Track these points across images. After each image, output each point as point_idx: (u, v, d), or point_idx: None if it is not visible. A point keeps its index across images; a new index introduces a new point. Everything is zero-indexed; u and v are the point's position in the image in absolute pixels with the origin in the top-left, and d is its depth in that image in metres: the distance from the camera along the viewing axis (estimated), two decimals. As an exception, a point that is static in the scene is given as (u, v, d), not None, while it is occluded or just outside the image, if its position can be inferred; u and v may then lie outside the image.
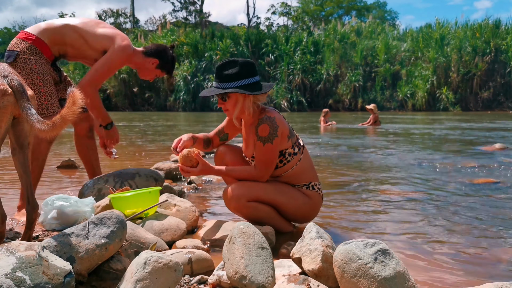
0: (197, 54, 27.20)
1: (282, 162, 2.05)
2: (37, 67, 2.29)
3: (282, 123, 2.00)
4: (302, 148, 2.10)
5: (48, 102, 2.30)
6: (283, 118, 2.03)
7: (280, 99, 24.23)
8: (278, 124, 1.97)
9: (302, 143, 2.12)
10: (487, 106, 23.28)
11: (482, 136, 7.79)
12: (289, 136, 2.04)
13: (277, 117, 1.99)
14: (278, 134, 1.97)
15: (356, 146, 6.44)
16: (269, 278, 1.32)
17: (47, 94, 2.30)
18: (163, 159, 4.85)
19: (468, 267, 1.71)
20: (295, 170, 2.08)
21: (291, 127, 2.10)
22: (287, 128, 2.02)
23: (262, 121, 1.96)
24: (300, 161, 2.08)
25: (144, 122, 14.06)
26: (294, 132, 2.10)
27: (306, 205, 2.10)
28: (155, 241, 1.71)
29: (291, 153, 2.05)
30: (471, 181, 3.49)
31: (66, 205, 1.98)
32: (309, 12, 43.07)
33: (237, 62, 1.97)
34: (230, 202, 2.03)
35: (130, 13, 39.64)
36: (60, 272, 1.21)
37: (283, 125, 2.00)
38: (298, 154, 2.07)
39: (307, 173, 2.13)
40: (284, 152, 2.04)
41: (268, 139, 1.96)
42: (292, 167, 2.07)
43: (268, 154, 1.99)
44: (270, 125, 1.95)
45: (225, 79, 1.97)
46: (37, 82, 2.28)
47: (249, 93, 1.94)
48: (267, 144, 1.97)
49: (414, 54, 25.31)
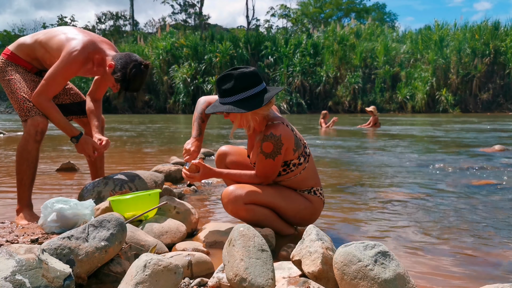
0: (196, 56, 27.23)
1: (286, 171, 2.05)
2: (13, 76, 2.38)
3: (287, 139, 1.95)
4: (308, 157, 2.08)
5: (27, 106, 2.32)
6: (290, 132, 1.97)
7: (280, 101, 24.27)
8: (283, 142, 1.94)
9: (308, 151, 2.11)
10: (486, 107, 23.31)
11: (482, 138, 7.80)
12: (295, 149, 2.01)
13: (283, 134, 1.93)
14: (282, 152, 1.95)
15: (356, 148, 6.44)
16: (269, 281, 1.32)
17: (25, 98, 2.33)
18: (163, 161, 4.85)
19: (468, 269, 1.70)
20: (298, 177, 2.08)
21: (298, 137, 2.04)
22: (293, 143, 1.99)
23: (266, 138, 1.93)
24: (304, 169, 2.07)
25: (144, 124, 14.06)
26: (301, 143, 2.05)
27: (307, 209, 2.09)
28: (155, 243, 1.71)
29: (296, 163, 2.04)
30: (471, 183, 3.49)
31: (66, 207, 1.98)
32: (308, 14, 43.16)
33: (232, 76, 1.89)
34: (227, 204, 2.01)
35: (130, 15, 39.70)
36: (60, 275, 1.20)
37: (289, 141, 1.96)
38: (303, 164, 2.06)
39: (310, 179, 2.11)
40: (289, 163, 2.03)
41: (271, 155, 1.95)
42: (295, 175, 2.07)
43: (269, 168, 1.99)
44: (274, 143, 1.93)
45: (223, 94, 1.92)
46: (14, 89, 2.35)
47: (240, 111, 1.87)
48: (269, 159, 1.96)
49: (413, 56, 25.36)
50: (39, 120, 2.31)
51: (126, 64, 2.28)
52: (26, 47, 2.42)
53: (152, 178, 2.58)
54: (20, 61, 2.42)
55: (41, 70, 2.51)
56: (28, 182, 2.35)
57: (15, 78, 2.37)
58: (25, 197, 2.35)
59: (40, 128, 2.31)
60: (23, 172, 2.33)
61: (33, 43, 2.41)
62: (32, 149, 2.31)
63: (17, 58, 2.42)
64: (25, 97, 2.34)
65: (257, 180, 2.04)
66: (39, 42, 2.40)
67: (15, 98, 2.34)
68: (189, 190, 3.22)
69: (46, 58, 2.41)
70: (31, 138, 2.30)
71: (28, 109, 2.32)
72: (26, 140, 2.31)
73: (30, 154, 2.32)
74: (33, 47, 2.41)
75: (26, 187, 2.35)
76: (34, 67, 2.47)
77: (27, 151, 2.31)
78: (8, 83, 2.37)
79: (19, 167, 2.34)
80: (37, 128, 2.30)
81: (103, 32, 39.63)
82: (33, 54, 2.43)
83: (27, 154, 2.31)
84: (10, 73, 2.38)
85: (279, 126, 1.94)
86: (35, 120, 2.30)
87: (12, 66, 2.40)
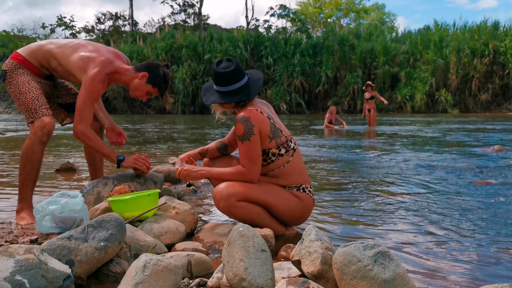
0: (196, 56, 27.22)
1: (266, 161, 2.07)
2: (22, 78, 2.40)
3: (258, 121, 1.99)
4: (292, 151, 2.09)
5: (35, 106, 2.33)
6: (262, 117, 2.01)
7: (279, 101, 24.26)
8: (254, 123, 1.98)
9: (293, 145, 2.11)
10: (486, 107, 23.31)
11: (481, 138, 7.81)
12: (271, 137, 2.03)
13: (252, 116, 1.99)
14: (255, 132, 1.98)
15: (355, 148, 6.44)
16: (269, 281, 1.32)
17: (33, 99, 2.35)
18: (162, 162, 4.85)
19: (467, 269, 1.70)
20: (283, 170, 2.08)
21: (278, 127, 2.07)
22: (268, 128, 2.02)
23: (237, 121, 2.01)
24: (288, 163, 2.08)
25: (144, 124, 14.06)
26: (282, 133, 2.07)
27: (297, 206, 2.09)
28: (154, 243, 1.71)
29: (275, 153, 2.05)
30: (470, 183, 3.49)
31: (57, 209, 1.96)
32: (307, 14, 43.17)
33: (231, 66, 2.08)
34: (219, 202, 2.01)
35: (129, 15, 39.69)
36: (59, 275, 1.20)
37: (261, 123, 2.00)
38: (285, 156, 2.06)
39: (297, 175, 2.12)
40: (268, 152, 2.05)
41: (245, 137, 1.98)
42: (278, 167, 2.07)
43: (248, 150, 2.00)
44: (244, 124, 1.98)
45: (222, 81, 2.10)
46: (23, 90, 2.37)
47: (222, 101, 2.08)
48: (246, 141, 1.99)
49: (412, 56, 25.35)
50: (46, 121, 2.32)
51: (155, 70, 2.48)
52: (40, 56, 2.46)
53: (151, 178, 2.58)
54: (31, 67, 2.46)
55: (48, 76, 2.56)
56: (31, 183, 2.36)
57: (24, 80, 2.39)
58: (26, 197, 2.36)
59: (47, 129, 2.32)
60: (27, 173, 2.34)
61: (46, 53, 2.45)
62: (37, 150, 2.33)
63: (28, 63, 2.45)
64: (34, 97, 2.35)
65: (243, 170, 2.03)
66: (53, 55, 2.44)
67: (24, 98, 2.35)
68: (189, 190, 3.21)
69: (58, 70, 2.48)
70: (37, 140, 2.31)
71: (35, 110, 2.33)
72: (32, 141, 2.31)
73: (35, 156, 2.33)
74: (46, 58, 2.46)
75: (28, 187, 2.36)
76: (43, 73, 2.52)
77: (32, 152, 2.32)
78: (17, 84, 2.39)
79: (23, 168, 2.34)
80: (43, 129, 2.31)
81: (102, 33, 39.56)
82: (46, 63, 2.47)
83: (32, 155, 2.32)
84: (20, 75, 2.41)
85: (250, 111, 2.02)
86: (42, 121, 2.31)
87: (22, 69, 2.43)
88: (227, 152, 2.34)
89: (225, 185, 2.01)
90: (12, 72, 2.42)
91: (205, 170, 2.15)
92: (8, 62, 2.46)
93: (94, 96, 2.38)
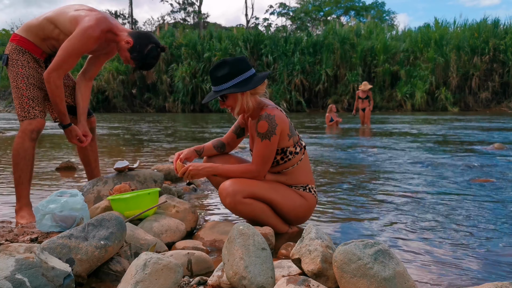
0: (195, 55, 27.20)
1: (284, 159, 2.07)
2: (23, 70, 2.34)
3: (282, 121, 2.00)
4: (303, 149, 2.13)
5: (29, 106, 2.32)
6: (284, 116, 2.03)
7: (280, 99, 24.25)
8: (278, 123, 1.98)
9: (303, 144, 2.15)
10: (486, 105, 23.31)
11: (481, 136, 7.81)
12: (290, 135, 2.05)
13: (277, 114, 2.00)
14: (277, 132, 1.98)
15: (355, 146, 6.44)
16: (269, 279, 1.32)
17: (29, 98, 2.33)
18: (162, 160, 4.85)
19: (467, 267, 1.71)
20: (295, 168, 2.11)
21: (293, 126, 2.11)
22: (287, 127, 2.03)
23: (261, 118, 1.99)
24: (301, 161, 2.11)
25: (143, 123, 14.05)
26: (296, 132, 2.12)
27: (302, 206, 2.11)
28: (154, 242, 1.71)
29: (292, 151, 2.07)
30: (470, 181, 3.49)
31: (58, 208, 1.96)
32: (307, 12, 43.12)
33: (226, 62, 2.00)
34: (225, 198, 2.01)
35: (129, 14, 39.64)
36: (60, 274, 1.20)
37: (283, 123, 2.01)
38: (299, 154, 2.10)
39: (305, 175, 2.14)
40: (286, 150, 2.05)
41: (266, 135, 1.98)
42: (293, 165, 2.09)
43: (265, 150, 2.00)
44: (268, 122, 1.97)
45: (219, 81, 2.00)
46: (21, 85, 2.33)
47: (243, 90, 1.97)
48: (265, 140, 1.99)
49: (413, 54, 25.33)
50: (35, 123, 2.32)
51: (144, 45, 2.35)
52: (35, 27, 2.37)
53: (151, 176, 2.58)
54: (30, 46, 2.36)
55: (51, 55, 2.45)
56: (26, 181, 2.35)
57: (23, 73, 2.33)
58: (23, 195, 2.35)
59: (37, 127, 2.32)
60: (21, 171, 2.33)
61: (41, 22, 2.37)
62: (28, 147, 2.32)
63: (26, 42, 2.36)
64: (29, 96, 2.33)
65: (252, 168, 2.04)
66: (48, 19, 2.36)
67: (19, 93, 2.32)
68: (189, 189, 3.22)
69: (55, 34, 2.36)
70: (26, 137, 2.30)
71: (28, 109, 2.31)
72: (22, 138, 2.31)
73: (27, 152, 2.32)
74: (41, 26, 2.36)
75: (24, 185, 2.35)
76: (43, 52, 2.41)
77: (23, 149, 2.31)
78: (16, 76, 2.33)
79: (16, 166, 2.34)
80: (33, 127, 2.30)
81: (102, 31, 39.52)
82: (42, 34, 2.37)
83: (23, 152, 2.32)
84: (20, 65, 2.34)
85: (273, 109, 2.02)
86: (31, 123, 2.31)
87: (23, 55, 2.35)
88: (225, 151, 2.34)
89: (232, 182, 2.01)
90: (13, 56, 2.34)
91: (210, 167, 2.13)
92: (9, 45, 2.38)
93: (82, 48, 2.28)
